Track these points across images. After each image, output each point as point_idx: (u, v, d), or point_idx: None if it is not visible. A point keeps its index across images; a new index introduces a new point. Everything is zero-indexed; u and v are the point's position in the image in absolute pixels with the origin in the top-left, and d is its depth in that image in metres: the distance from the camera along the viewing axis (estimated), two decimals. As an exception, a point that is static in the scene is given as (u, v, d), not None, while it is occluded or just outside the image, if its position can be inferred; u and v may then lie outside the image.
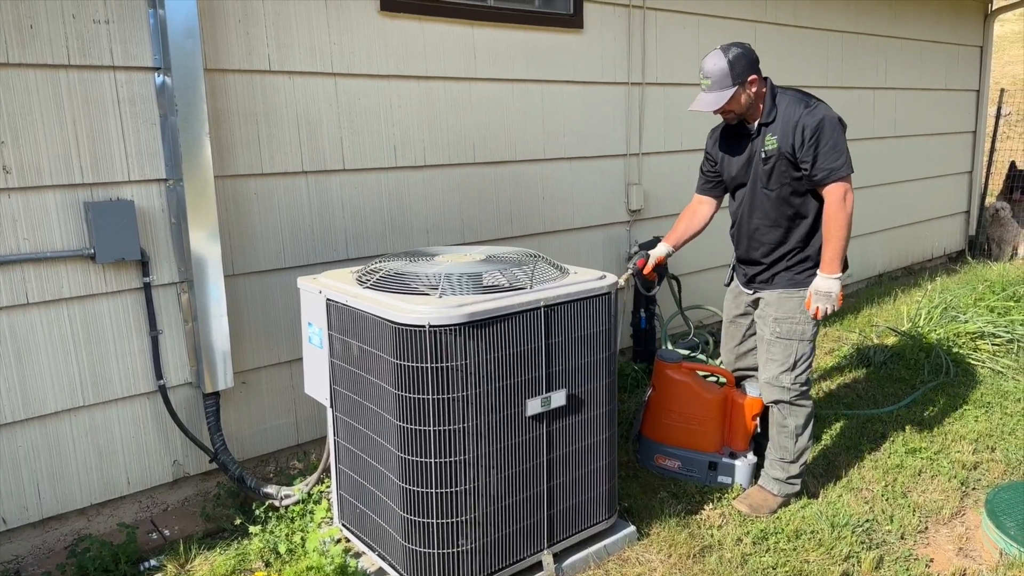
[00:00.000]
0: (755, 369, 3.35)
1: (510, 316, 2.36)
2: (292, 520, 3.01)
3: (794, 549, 2.98)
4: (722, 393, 3.38)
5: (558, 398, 2.54)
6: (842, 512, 3.21)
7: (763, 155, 2.99)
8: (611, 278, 2.71)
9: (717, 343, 4.99)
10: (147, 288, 2.92)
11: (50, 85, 2.62)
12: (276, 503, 3.07)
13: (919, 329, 5.04)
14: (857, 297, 6.27)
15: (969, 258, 7.64)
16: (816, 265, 3.05)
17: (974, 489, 3.46)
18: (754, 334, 3.32)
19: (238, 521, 3.01)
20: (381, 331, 2.34)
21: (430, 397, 2.29)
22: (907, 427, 3.98)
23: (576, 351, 2.57)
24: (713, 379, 3.60)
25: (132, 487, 3.02)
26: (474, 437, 2.36)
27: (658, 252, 3.34)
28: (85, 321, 2.81)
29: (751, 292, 3.26)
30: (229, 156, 3.07)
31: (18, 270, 2.64)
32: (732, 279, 3.42)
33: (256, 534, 2.93)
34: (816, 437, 3.85)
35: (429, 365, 2.27)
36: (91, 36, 2.68)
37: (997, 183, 8.57)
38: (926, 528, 3.18)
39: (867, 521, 3.17)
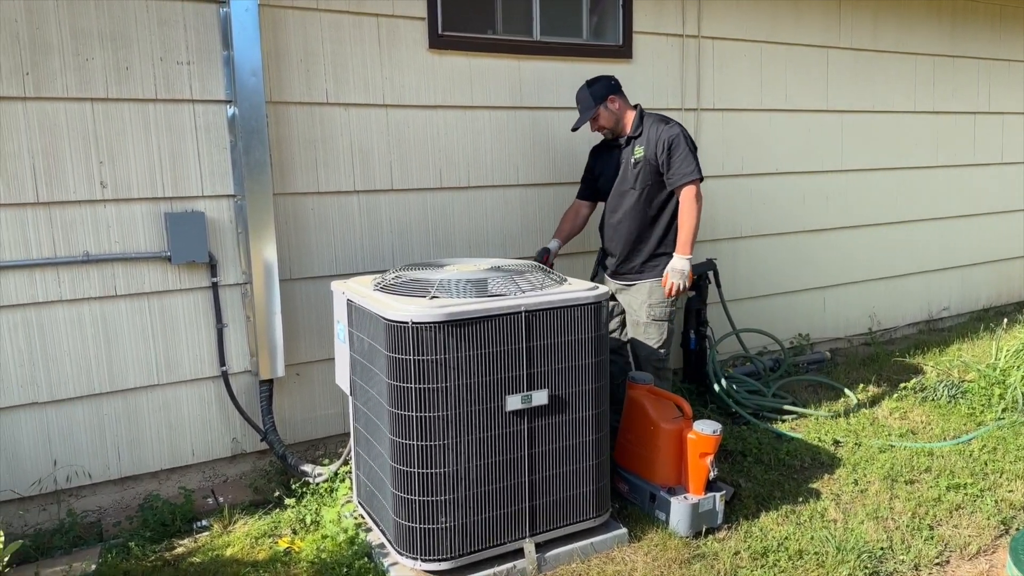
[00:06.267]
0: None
1: (489, 318, 2.62)
2: (321, 496, 3.39)
3: (793, 567, 3.00)
4: (677, 425, 3.23)
5: (539, 397, 2.75)
6: (855, 537, 3.17)
7: (632, 162, 3.63)
8: (603, 289, 2.91)
9: (773, 370, 4.97)
10: (215, 287, 3.43)
11: (140, 116, 3.20)
12: (311, 480, 3.47)
13: (1001, 366, 4.75)
14: (950, 331, 5.95)
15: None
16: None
17: (1017, 530, 3.29)
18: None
19: (277, 494, 3.43)
20: (379, 326, 2.67)
21: (413, 386, 2.59)
22: (958, 462, 3.82)
23: (560, 355, 2.78)
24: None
25: (196, 458, 3.51)
26: (454, 425, 2.63)
27: (552, 248, 3.90)
28: (162, 312, 3.35)
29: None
30: (290, 176, 3.54)
31: (109, 267, 3.21)
32: None
33: (291, 506, 3.33)
34: (853, 466, 3.79)
35: (412, 357, 2.57)
36: (175, 75, 3.24)
37: None
38: (947, 562, 3.08)
39: (882, 549, 3.12)
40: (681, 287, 3.59)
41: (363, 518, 3.15)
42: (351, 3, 3.55)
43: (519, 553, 2.84)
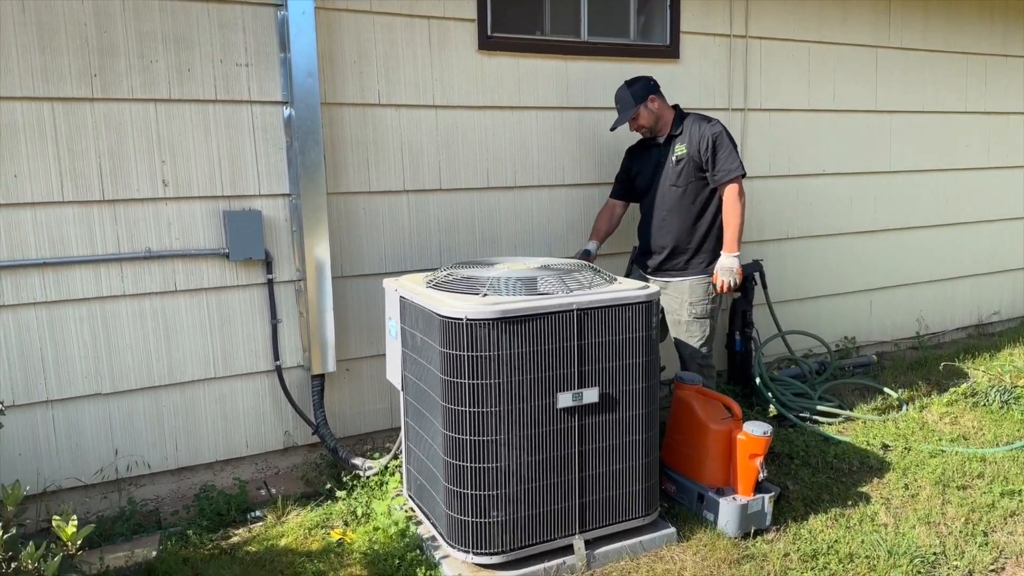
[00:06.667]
0: None
1: (541, 316, 2.65)
2: (371, 489, 3.45)
3: (843, 570, 2.98)
4: (726, 426, 3.23)
5: (590, 395, 2.78)
6: (907, 542, 3.13)
7: (674, 160, 3.69)
8: (653, 288, 2.92)
9: (819, 372, 4.92)
10: (270, 284, 3.51)
11: (201, 116, 3.29)
12: (361, 473, 3.54)
13: (1056, 370, 4.65)
14: (1001, 336, 5.82)
15: None
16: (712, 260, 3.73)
17: (1075, 537, 3.22)
18: None
19: (328, 486, 3.50)
20: (433, 323, 2.72)
21: (467, 381, 2.63)
22: (1011, 468, 3.75)
23: (610, 353, 2.80)
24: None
25: (250, 450, 3.60)
26: (506, 420, 2.66)
27: (592, 250, 3.97)
28: (219, 308, 3.44)
29: None
30: (343, 175, 3.61)
31: (169, 263, 3.31)
32: None
33: (342, 498, 3.40)
34: (903, 470, 3.75)
35: (466, 353, 2.61)
36: (234, 76, 3.33)
37: None
38: (1002, 569, 3.03)
39: (934, 554, 3.08)
40: (732, 284, 3.63)
41: (413, 511, 3.20)
42: (404, 5, 3.61)
43: (568, 549, 2.86)
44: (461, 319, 2.59)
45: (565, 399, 2.74)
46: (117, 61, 3.13)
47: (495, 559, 2.74)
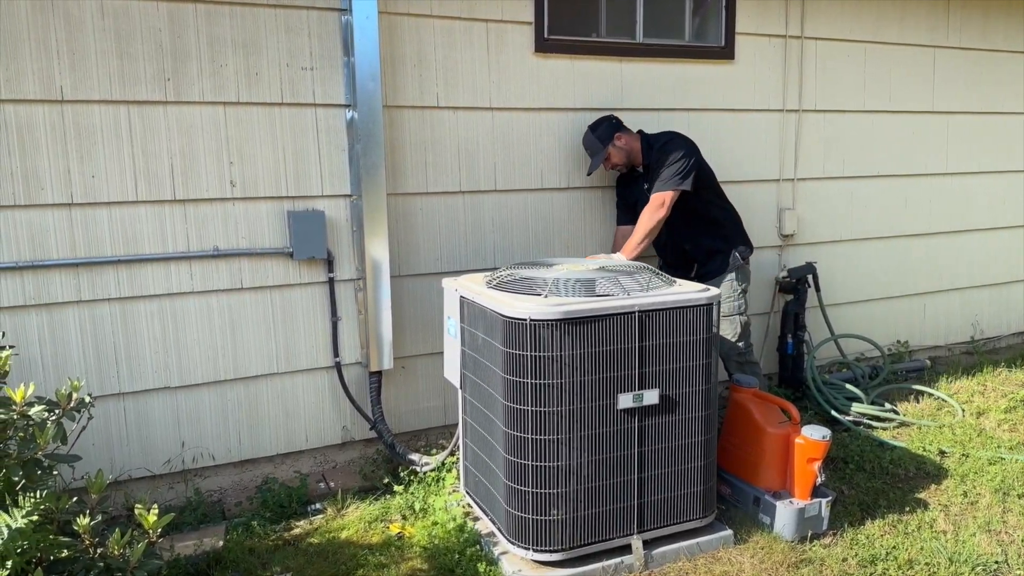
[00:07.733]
0: None
1: (604, 317, 2.68)
2: (428, 485, 3.52)
3: (903, 576, 2.96)
4: (784, 429, 3.23)
5: (650, 396, 2.80)
6: (968, 550, 3.10)
7: (646, 185, 3.82)
8: (713, 291, 2.93)
9: (871, 377, 4.87)
10: (331, 282, 3.59)
11: (267, 119, 3.38)
12: (418, 469, 3.60)
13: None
14: (1061, 341, 5.70)
15: None
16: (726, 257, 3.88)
17: None
18: None
19: (386, 481, 3.57)
20: (495, 323, 2.76)
21: (530, 381, 2.67)
22: (1076, 478, 3.68)
23: (671, 355, 2.82)
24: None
25: (309, 444, 3.69)
26: (567, 420, 2.70)
27: None
28: (283, 305, 3.53)
29: None
30: (401, 177, 3.68)
31: (236, 261, 3.41)
32: None
33: (399, 493, 3.47)
34: (961, 477, 3.70)
35: (530, 353, 2.65)
36: (299, 80, 3.41)
37: None
38: (1067, 579, 2.99)
39: (996, 563, 3.04)
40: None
41: (470, 507, 3.26)
42: (462, 9, 3.66)
43: (627, 549, 2.89)
44: (525, 319, 2.63)
45: (626, 400, 2.77)
46: (189, 65, 3.23)
47: (555, 556, 2.78)
